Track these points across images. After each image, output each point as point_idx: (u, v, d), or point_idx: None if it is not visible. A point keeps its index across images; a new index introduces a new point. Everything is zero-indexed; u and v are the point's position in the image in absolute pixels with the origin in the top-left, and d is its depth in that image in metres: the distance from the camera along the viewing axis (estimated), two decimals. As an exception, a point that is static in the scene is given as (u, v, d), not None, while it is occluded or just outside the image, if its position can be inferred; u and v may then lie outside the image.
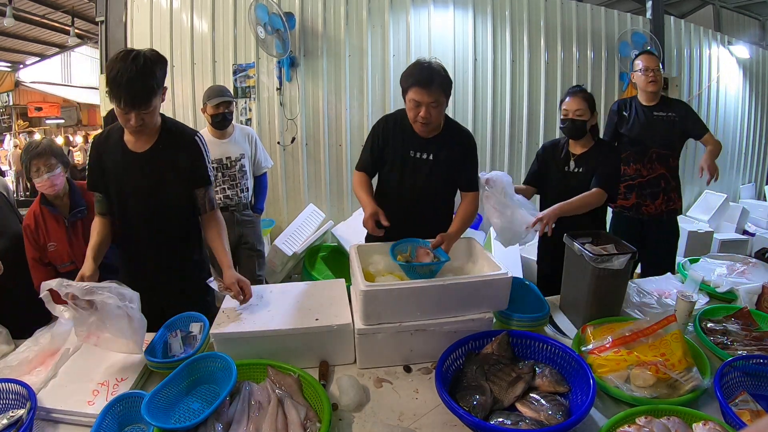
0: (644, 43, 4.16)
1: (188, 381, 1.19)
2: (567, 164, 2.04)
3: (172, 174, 1.54)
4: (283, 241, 3.30)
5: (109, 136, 1.56)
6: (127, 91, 1.35)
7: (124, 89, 1.34)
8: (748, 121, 5.49)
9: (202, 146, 1.60)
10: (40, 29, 9.72)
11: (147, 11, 3.57)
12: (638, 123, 2.48)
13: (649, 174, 2.46)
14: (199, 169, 1.58)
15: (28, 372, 1.28)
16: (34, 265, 1.86)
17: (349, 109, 3.71)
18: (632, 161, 2.50)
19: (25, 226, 1.85)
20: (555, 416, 1.02)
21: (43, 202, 1.86)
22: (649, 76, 2.42)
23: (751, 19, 7.40)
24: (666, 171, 2.46)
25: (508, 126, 4.09)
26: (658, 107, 2.46)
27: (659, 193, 2.47)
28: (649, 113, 2.46)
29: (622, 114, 2.54)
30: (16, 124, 12.80)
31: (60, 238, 1.85)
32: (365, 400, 1.18)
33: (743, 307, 1.54)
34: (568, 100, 1.99)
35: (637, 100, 2.53)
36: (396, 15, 3.71)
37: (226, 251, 1.59)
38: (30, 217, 1.85)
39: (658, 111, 2.45)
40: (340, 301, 1.44)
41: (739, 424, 0.99)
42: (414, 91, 1.60)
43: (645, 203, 2.49)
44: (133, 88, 1.35)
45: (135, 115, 1.39)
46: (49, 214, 1.85)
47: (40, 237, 1.83)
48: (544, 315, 1.47)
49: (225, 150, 2.61)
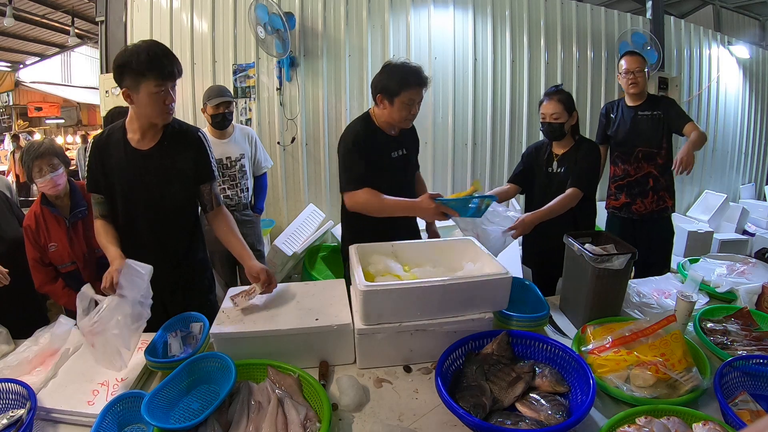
0: (644, 43, 4.16)
1: (188, 381, 1.19)
2: (550, 165, 2.09)
3: (177, 171, 1.55)
4: (283, 241, 3.30)
5: (110, 135, 1.54)
6: (168, 59, 1.39)
7: (165, 59, 1.38)
8: (748, 121, 5.49)
9: (206, 142, 1.61)
10: (40, 29, 9.73)
11: (147, 11, 3.56)
12: (623, 124, 2.52)
13: (636, 173, 2.49)
14: (203, 165, 1.59)
15: (28, 372, 1.29)
16: (34, 266, 1.86)
17: (349, 109, 3.71)
18: (620, 161, 2.53)
19: (25, 227, 1.85)
20: (555, 416, 1.03)
21: (44, 203, 1.85)
22: (630, 79, 2.43)
23: (751, 19, 7.41)
24: (653, 169, 2.47)
25: (508, 126, 4.09)
26: (642, 107, 2.48)
27: (648, 191, 2.48)
28: (633, 113, 2.49)
29: (610, 116, 2.58)
30: (16, 124, 12.80)
31: (61, 238, 1.85)
32: (365, 400, 1.18)
33: (743, 307, 1.54)
34: (544, 102, 2.02)
35: (623, 102, 2.56)
36: (396, 15, 3.71)
37: (243, 244, 1.59)
38: (30, 217, 1.85)
39: (643, 110, 2.47)
40: (340, 301, 1.44)
41: (739, 424, 0.99)
42: (414, 91, 1.71)
43: (635, 203, 2.50)
44: (171, 56, 1.41)
45: (172, 92, 1.44)
46: (49, 214, 1.85)
47: (41, 237, 1.83)
48: (544, 315, 1.46)
49: (225, 150, 2.61)
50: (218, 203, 1.64)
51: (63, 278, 1.90)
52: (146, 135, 1.51)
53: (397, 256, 1.57)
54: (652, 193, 2.48)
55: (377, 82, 1.75)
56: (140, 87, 1.38)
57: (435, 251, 1.61)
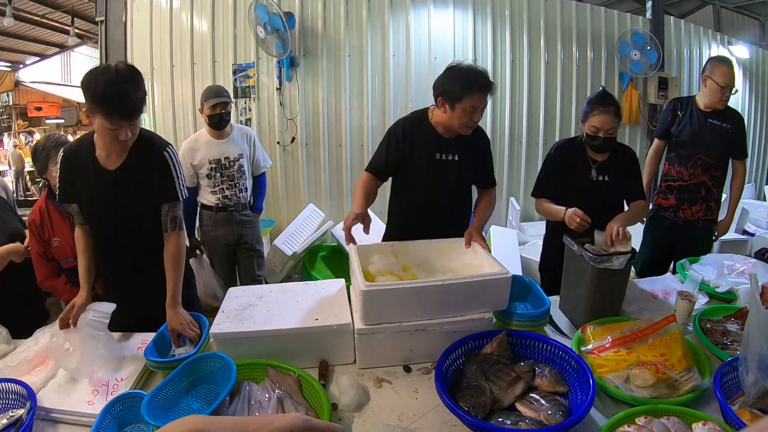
0: (644, 43, 4.16)
1: (188, 381, 1.19)
2: (589, 172, 1.91)
3: (143, 190, 1.50)
4: (283, 241, 3.30)
5: (79, 148, 1.50)
6: (120, 102, 1.30)
7: (117, 100, 1.29)
8: (748, 121, 5.49)
9: (171, 161, 1.53)
10: (40, 29, 9.72)
11: (147, 11, 3.56)
12: (689, 126, 2.37)
13: (690, 179, 2.38)
14: (166, 185, 1.52)
15: (28, 372, 1.29)
16: (38, 260, 1.86)
17: (348, 109, 3.71)
18: (677, 163, 2.42)
19: (30, 222, 1.84)
20: (555, 416, 1.03)
21: (50, 197, 1.85)
22: (725, 96, 2.28)
23: (751, 19, 7.41)
24: (708, 180, 2.36)
25: (508, 126, 4.09)
26: (713, 115, 2.33)
27: (698, 199, 2.39)
28: (703, 119, 2.34)
29: (677, 113, 2.42)
30: (16, 123, 12.80)
31: (65, 233, 1.85)
32: (365, 400, 1.18)
33: (743, 307, 1.54)
34: (598, 115, 1.80)
35: (694, 102, 2.38)
36: (396, 15, 3.71)
37: (177, 281, 1.47)
38: (35, 212, 1.85)
39: (713, 118, 2.33)
40: (340, 301, 1.44)
41: (738, 424, 0.99)
42: (477, 97, 1.60)
43: (682, 206, 2.42)
44: (125, 98, 1.31)
45: (127, 128, 1.35)
46: (54, 209, 1.85)
47: (45, 232, 1.83)
48: (544, 315, 1.46)
49: (223, 150, 2.61)
50: (174, 227, 1.53)
51: (65, 274, 1.90)
52: (111, 154, 1.47)
53: (397, 256, 1.57)
54: (701, 201, 2.39)
55: (439, 85, 1.66)
56: (95, 117, 1.34)
57: (435, 251, 1.61)
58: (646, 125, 4.53)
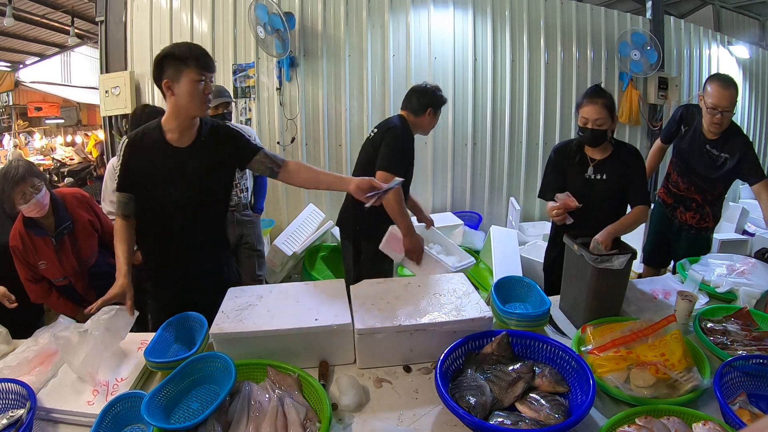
0: (644, 43, 4.16)
1: (188, 381, 1.18)
2: (585, 170, 1.92)
3: (219, 163, 1.59)
4: (283, 241, 3.30)
5: (145, 135, 1.54)
6: (205, 54, 1.46)
7: (203, 54, 1.45)
8: (748, 121, 5.49)
9: (234, 127, 1.70)
10: (40, 29, 9.71)
11: (147, 11, 3.57)
12: (688, 147, 2.30)
13: (685, 191, 2.38)
14: (243, 146, 1.62)
15: (28, 372, 1.28)
16: (27, 284, 1.83)
17: (348, 109, 3.71)
18: (676, 171, 2.40)
19: (12, 247, 1.77)
20: (555, 416, 1.02)
21: (27, 225, 1.76)
22: (715, 119, 2.08)
23: (751, 19, 7.40)
24: (700, 199, 2.35)
25: (508, 126, 4.09)
26: (713, 142, 2.19)
27: (691, 210, 2.39)
28: (701, 143, 2.23)
29: (680, 128, 2.36)
30: (16, 124, 12.79)
31: (49, 256, 1.80)
32: (365, 400, 1.18)
33: (743, 307, 1.54)
34: (586, 106, 1.82)
35: (699, 122, 2.24)
36: (396, 15, 3.71)
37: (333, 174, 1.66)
38: (16, 237, 1.77)
39: (711, 146, 2.20)
40: (340, 301, 1.44)
41: (738, 424, 0.99)
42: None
43: (678, 208, 2.43)
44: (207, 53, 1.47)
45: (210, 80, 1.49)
46: (34, 235, 1.78)
47: (29, 256, 1.79)
48: (544, 315, 1.46)
49: (225, 150, 2.61)
50: (281, 160, 1.62)
51: (58, 290, 1.89)
52: (184, 133, 1.53)
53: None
54: (695, 212, 2.38)
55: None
56: (182, 75, 1.42)
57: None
58: (646, 125, 4.53)
